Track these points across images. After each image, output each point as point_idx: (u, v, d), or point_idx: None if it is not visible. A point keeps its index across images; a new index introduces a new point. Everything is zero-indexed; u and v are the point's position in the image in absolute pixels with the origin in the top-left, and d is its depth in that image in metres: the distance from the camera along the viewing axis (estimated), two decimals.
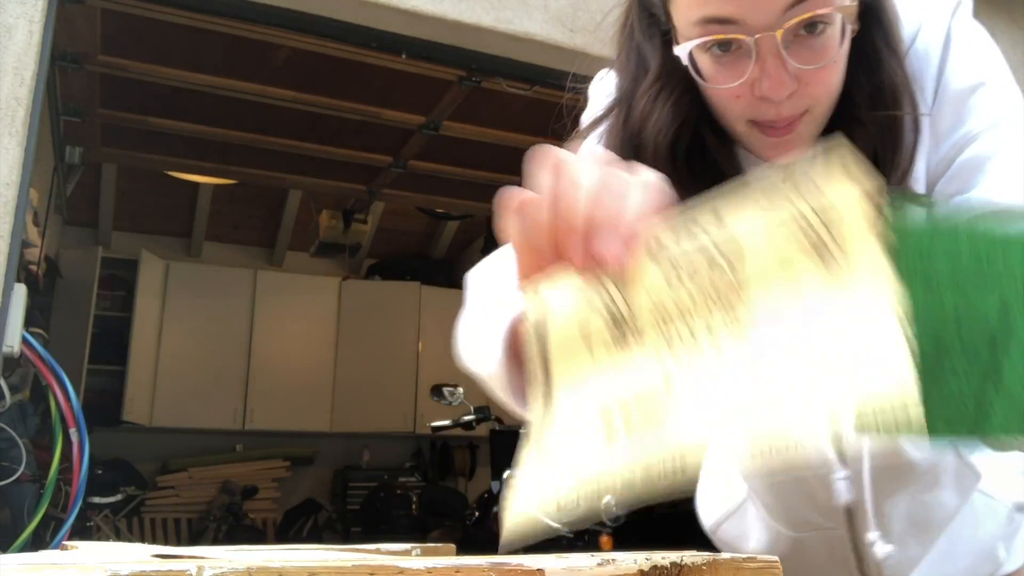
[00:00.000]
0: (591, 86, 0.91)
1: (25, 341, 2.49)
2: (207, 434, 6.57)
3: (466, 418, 4.38)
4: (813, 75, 0.70)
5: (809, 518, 0.94)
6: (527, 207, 0.54)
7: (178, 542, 5.99)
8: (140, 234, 6.69)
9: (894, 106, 0.75)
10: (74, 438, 2.75)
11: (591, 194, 0.52)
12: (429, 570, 0.41)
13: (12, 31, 2.28)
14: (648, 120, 0.78)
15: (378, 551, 0.76)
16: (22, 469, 2.93)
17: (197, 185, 6.17)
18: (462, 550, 0.73)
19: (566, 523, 0.54)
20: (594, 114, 0.87)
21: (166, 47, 3.99)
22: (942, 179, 0.79)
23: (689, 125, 0.78)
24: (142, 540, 5.76)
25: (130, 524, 6.03)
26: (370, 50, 3.23)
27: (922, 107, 0.78)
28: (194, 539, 6.04)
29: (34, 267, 3.90)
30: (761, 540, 1.01)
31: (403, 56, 3.18)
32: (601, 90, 0.89)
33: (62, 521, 2.92)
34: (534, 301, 0.57)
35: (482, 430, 4.56)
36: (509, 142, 4.73)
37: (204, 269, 6.78)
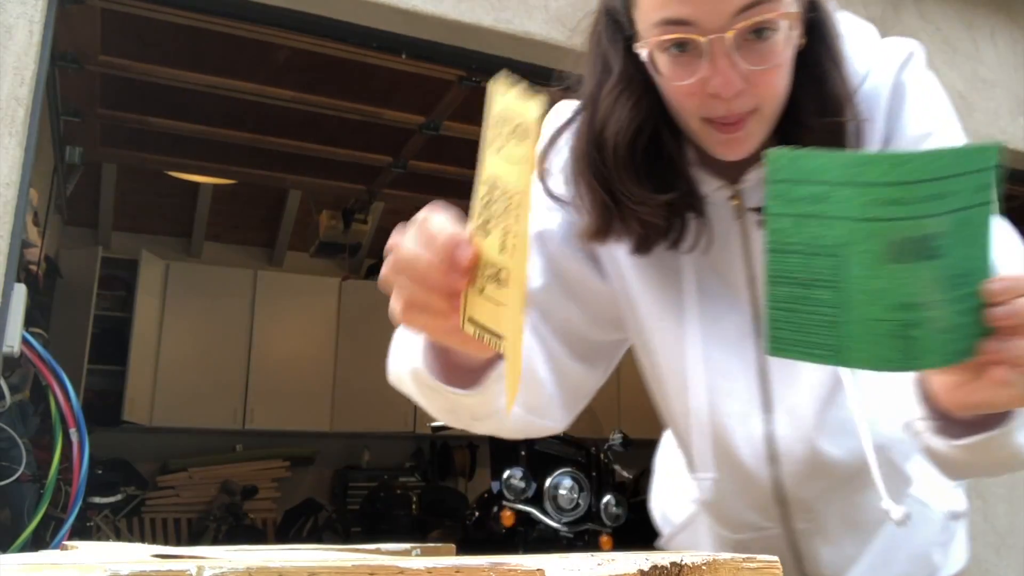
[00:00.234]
0: (546, 119, 0.98)
1: (25, 341, 2.49)
2: (207, 434, 6.57)
3: None
4: (760, 76, 0.77)
5: (747, 518, 0.98)
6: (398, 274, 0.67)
7: (178, 542, 5.99)
8: (140, 234, 6.69)
9: (837, 114, 0.82)
10: (74, 438, 2.75)
11: (418, 236, 0.66)
12: (429, 570, 0.41)
13: (12, 31, 2.28)
14: (610, 119, 0.85)
15: (378, 551, 0.76)
16: (22, 469, 2.93)
17: (197, 185, 6.17)
18: (462, 550, 0.73)
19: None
20: (559, 121, 0.94)
21: (166, 47, 3.99)
22: None
23: (648, 125, 0.85)
24: (142, 540, 5.76)
25: (130, 524, 6.03)
26: (370, 50, 3.23)
27: (869, 146, 0.85)
28: (194, 539, 6.04)
29: (34, 267, 3.90)
30: (709, 549, 1.05)
31: (403, 56, 3.18)
32: (554, 122, 0.96)
33: (62, 521, 2.92)
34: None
35: None
36: None
37: (204, 269, 6.77)
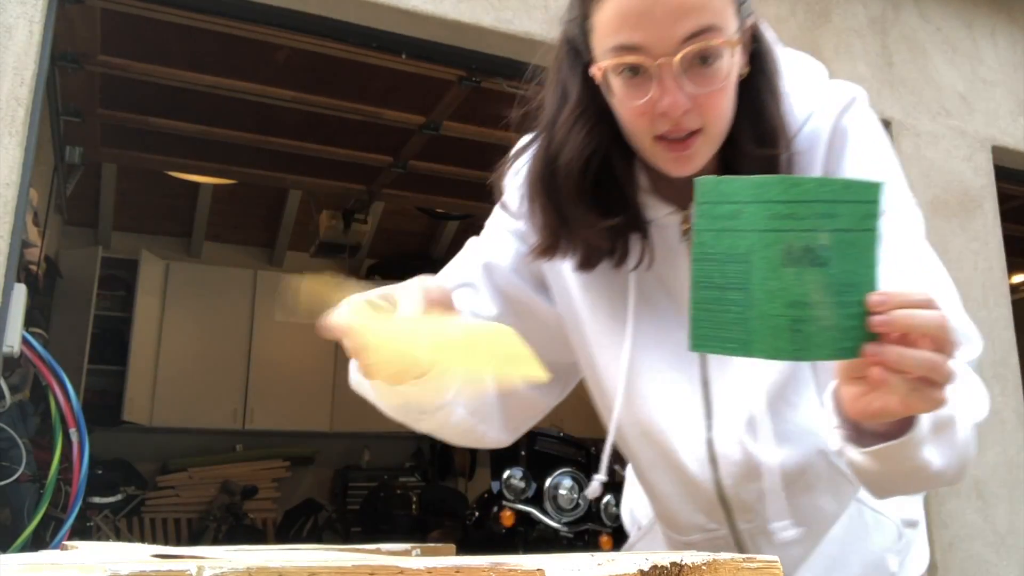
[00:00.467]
0: (507, 179, 1.08)
1: (25, 341, 2.49)
2: (207, 434, 6.57)
3: None
4: (704, 98, 0.84)
5: (694, 520, 1.02)
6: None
7: (178, 542, 5.99)
8: (140, 234, 6.68)
9: (772, 144, 0.89)
10: (74, 438, 2.75)
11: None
12: (429, 570, 0.41)
13: (12, 31, 2.28)
14: (565, 145, 0.93)
15: (378, 551, 0.76)
16: (22, 469, 2.93)
17: (197, 185, 6.16)
18: (462, 550, 0.73)
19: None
20: (519, 147, 1.04)
21: (166, 47, 3.99)
22: None
23: (599, 152, 0.92)
24: (142, 540, 5.76)
25: (130, 524, 6.03)
26: (370, 50, 3.22)
27: None
28: (194, 539, 6.03)
29: (34, 267, 3.90)
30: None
31: (403, 56, 3.18)
32: (518, 145, 1.06)
33: (62, 521, 2.92)
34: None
35: None
36: (509, 142, 4.71)
37: (204, 269, 6.77)
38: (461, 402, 0.95)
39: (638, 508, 1.17)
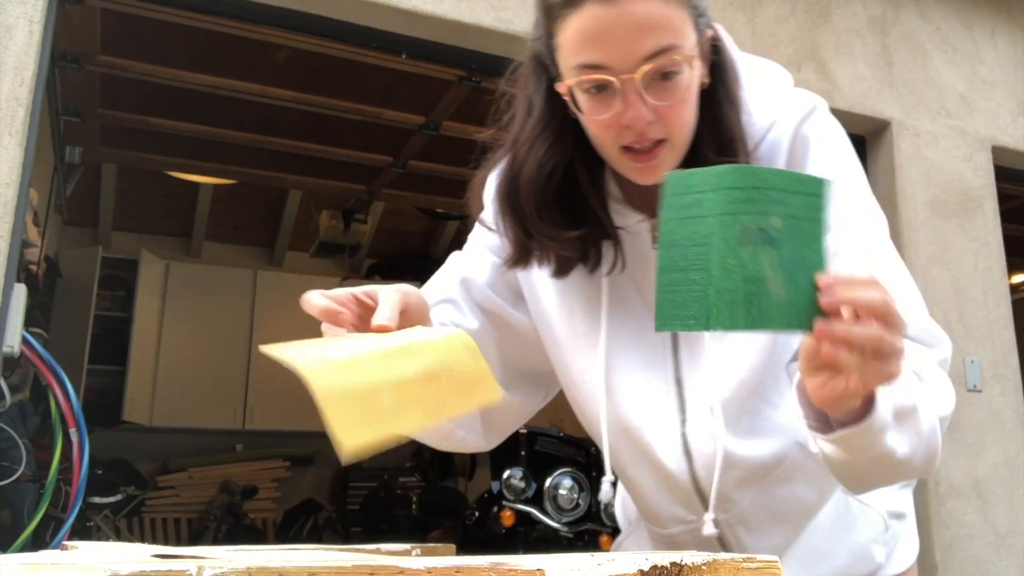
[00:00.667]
0: (484, 192, 1.09)
1: (25, 341, 2.49)
2: (207, 434, 6.57)
3: None
4: (667, 110, 0.88)
5: (674, 512, 1.04)
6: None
7: (178, 542, 5.99)
8: (140, 234, 6.69)
9: (732, 153, 0.93)
10: (74, 438, 2.75)
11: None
12: (429, 570, 0.41)
13: (12, 31, 2.28)
14: (527, 161, 0.97)
15: (378, 551, 0.76)
16: (22, 469, 2.93)
17: (197, 185, 6.16)
18: (462, 550, 0.73)
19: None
20: (492, 161, 1.07)
21: (166, 47, 3.99)
22: None
23: (562, 165, 0.96)
24: (142, 540, 5.76)
25: (130, 524, 6.03)
26: (370, 50, 3.23)
27: None
28: (194, 539, 6.04)
29: (34, 267, 3.90)
30: (646, 548, 1.12)
31: (403, 56, 3.18)
32: (489, 195, 1.06)
33: (62, 521, 2.92)
34: None
35: None
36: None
37: (204, 269, 6.77)
38: None
39: (628, 504, 1.20)
